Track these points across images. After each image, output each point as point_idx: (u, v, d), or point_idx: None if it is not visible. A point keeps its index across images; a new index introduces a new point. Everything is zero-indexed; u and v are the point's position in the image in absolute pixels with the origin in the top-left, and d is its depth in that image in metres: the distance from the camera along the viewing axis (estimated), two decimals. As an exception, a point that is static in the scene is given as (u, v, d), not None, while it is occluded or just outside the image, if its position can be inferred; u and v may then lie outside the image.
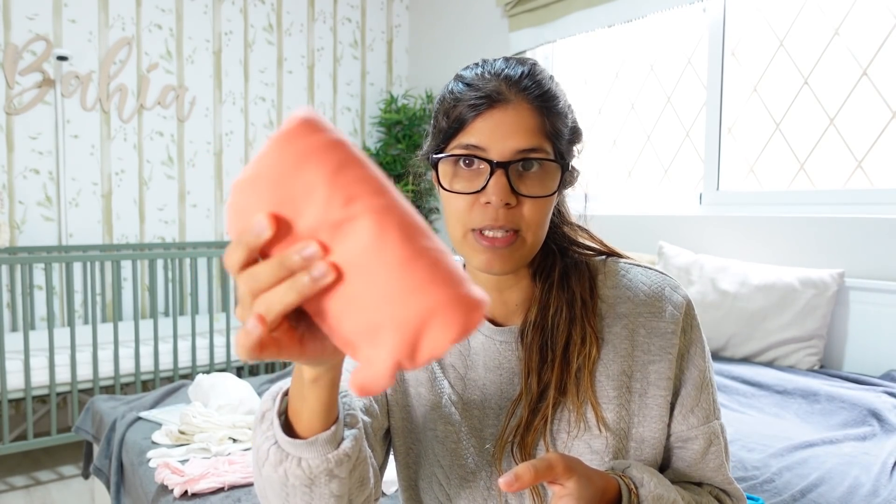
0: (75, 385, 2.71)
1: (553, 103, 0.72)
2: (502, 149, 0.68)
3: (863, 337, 2.19)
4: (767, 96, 2.58)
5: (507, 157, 0.68)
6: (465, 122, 0.70)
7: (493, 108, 0.69)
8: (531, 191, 0.69)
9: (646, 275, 0.77)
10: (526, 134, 0.69)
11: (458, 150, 0.70)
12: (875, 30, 2.27)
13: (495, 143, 0.68)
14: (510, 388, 0.75)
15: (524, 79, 0.71)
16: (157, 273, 2.96)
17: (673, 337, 0.74)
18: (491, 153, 0.69)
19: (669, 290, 0.76)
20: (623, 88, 3.16)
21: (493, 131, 0.69)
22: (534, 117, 0.70)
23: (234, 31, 3.76)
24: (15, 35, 3.14)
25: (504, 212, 0.68)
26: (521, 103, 0.70)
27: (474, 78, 0.72)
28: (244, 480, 1.51)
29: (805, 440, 1.59)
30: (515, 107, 0.69)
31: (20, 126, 3.18)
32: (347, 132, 4.19)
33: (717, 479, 0.77)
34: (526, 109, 0.70)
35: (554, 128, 0.71)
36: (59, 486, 2.71)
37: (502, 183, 0.68)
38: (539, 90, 0.71)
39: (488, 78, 0.71)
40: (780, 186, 2.56)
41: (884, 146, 2.27)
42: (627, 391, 0.73)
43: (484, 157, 0.69)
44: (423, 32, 4.26)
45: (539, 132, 0.70)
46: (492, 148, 0.68)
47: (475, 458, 0.75)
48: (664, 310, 0.74)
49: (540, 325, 0.74)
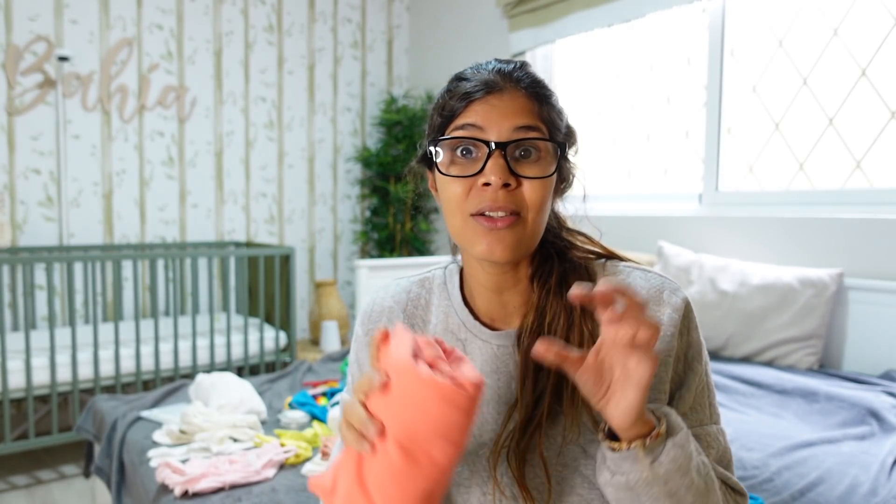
0: (76, 385, 2.72)
1: (546, 93, 0.74)
2: (499, 129, 0.70)
3: (862, 336, 2.19)
4: (767, 96, 2.59)
5: (504, 137, 0.70)
6: (461, 108, 0.72)
7: (489, 94, 0.71)
8: (530, 172, 0.70)
9: (645, 277, 0.77)
10: (522, 114, 0.71)
11: (455, 131, 0.72)
12: (874, 30, 2.28)
13: (492, 123, 0.70)
14: (508, 393, 0.75)
15: (516, 71, 0.74)
16: (157, 273, 2.97)
17: (672, 340, 0.73)
18: (489, 133, 0.70)
19: (668, 292, 0.75)
20: (623, 88, 3.16)
21: (490, 112, 0.70)
22: (528, 102, 0.72)
23: (234, 32, 3.76)
24: (16, 35, 3.15)
25: (503, 193, 0.69)
26: (516, 90, 0.72)
27: (467, 74, 0.75)
28: (244, 480, 1.51)
29: (804, 440, 1.60)
30: (510, 93, 0.72)
31: (21, 126, 3.19)
32: (347, 132, 4.20)
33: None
34: (520, 95, 0.72)
35: (549, 114, 0.73)
36: (60, 486, 2.71)
37: (501, 163, 0.69)
38: (532, 80, 0.74)
39: (482, 72, 0.74)
40: (780, 186, 2.57)
41: (882, 146, 2.27)
42: None
43: (482, 137, 0.70)
44: (424, 33, 4.26)
45: (534, 115, 0.72)
46: (489, 128, 0.70)
47: (471, 462, 0.74)
48: (663, 313, 0.74)
49: (536, 330, 0.74)
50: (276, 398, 2.21)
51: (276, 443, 1.72)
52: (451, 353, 0.64)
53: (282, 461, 1.64)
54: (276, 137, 3.94)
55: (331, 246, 4.19)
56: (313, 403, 2.02)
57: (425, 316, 0.83)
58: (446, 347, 0.65)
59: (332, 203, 4.17)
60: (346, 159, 4.20)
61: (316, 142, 4.09)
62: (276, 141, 3.94)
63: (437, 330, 0.81)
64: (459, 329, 0.79)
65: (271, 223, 3.96)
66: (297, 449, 1.69)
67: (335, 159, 4.16)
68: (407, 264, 3.21)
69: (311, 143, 4.06)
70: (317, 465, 1.60)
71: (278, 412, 2.05)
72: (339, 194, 4.20)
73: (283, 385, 2.37)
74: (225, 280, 3.30)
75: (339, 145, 4.18)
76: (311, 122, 4.06)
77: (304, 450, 1.69)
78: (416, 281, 0.86)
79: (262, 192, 3.91)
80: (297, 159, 4.02)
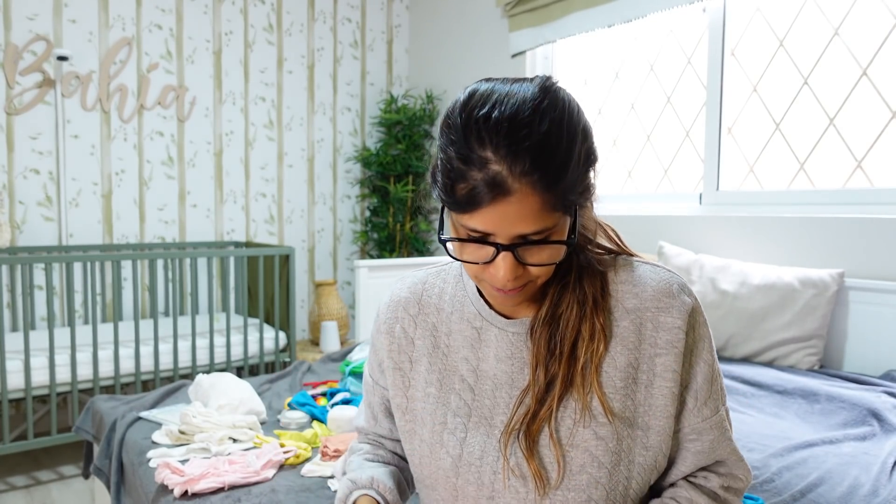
0: (75, 385, 2.71)
1: (562, 174, 0.66)
2: (508, 234, 0.68)
3: (862, 337, 2.19)
4: (767, 96, 2.59)
5: (512, 241, 0.69)
6: (469, 207, 0.67)
7: (496, 201, 0.66)
8: (539, 260, 0.71)
9: (655, 272, 0.80)
10: (532, 220, 0.67)
11: (464, 232, 0.70)
12: (875, 30, 2.27)
13: (501, 230, 0.67)
14: (521, 378, 0.79)
15: (529, 159, 0.64)
16: (157, 273, 2.97)
17: (679, 332, 0.76)
18: (497, 237, 0.69)
19: (677, 287, 0.79)
20: (623, 88, 3.16)
21: (499, 220, 0.67)
22: (540, 199, 0.66)
23: (234, 32, 3.76)
24: (15, 35, 3.15)
25: (513, 281, 0.71)
26: (525, 189, 0.65)
27: (478, 147, 0.66)
28: (244, 480, 1.51)
29: (805, 440, 1.59)
30: (520, 196, 0.65)
31: (20, 126, 3.19)
32: (347, 132, 4.20)
33: (730, 459, 0.82)
34: (530, 194, 0.65)
35: (564, 198, 0.68)
36: (59, 486, 2.71)
37: (509, 262, 0.70)
38: (546, 167, 0.65)
39: (491, 158, 0.65)
40: (780, 186, 2.56)
41: (883, 146, 2.27)
42: (634, 382, 0.76)
43: (489, 240, 0.69)
44: (423, 32, 4.26)
45: (546, 211, 0.67)
46: (498, 233, 0.68)
47: (482, 444, 0.78)
48: (672, 306, 0.77)
49: (549, 321, 0.77)
50: (276, 398, 2.20)
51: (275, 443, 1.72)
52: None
53: (281, 462, 1.64)
54: (275, 137, 3.94)
55: (330, 246, 4.19)
56: (313, 404, 2.02)
57: (439, 304, 0.87)
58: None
59: (331, 203, 4.17)
60: (346, 159, 4.19)
61: (316, 141, 4.08)
62: (275, 141, 3.94)
63: (453, 318, 0.85)
64: (475, 318, 0.83)
65: (271, 223, 3.96)
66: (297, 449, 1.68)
67: (335, 159, 4.16)
68: (407, 264, 3.20)
69: (310, 142, 4.06)
70: (317, 466, 1.60)
71: (278, 412, 2.05)
72: (338, 194, 4.20)
73: (283, 385, 2.36)
74: (224, 280, 3.30)
75: (338, 145, 4.17)
76: (311, 121, 4.06)
77: (304, 450, 1.69)
78: (433, 272, 0.91)
79: (262, 192, 3.91)
80: (297, 159, 4.02)
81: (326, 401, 2.06)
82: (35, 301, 3.20)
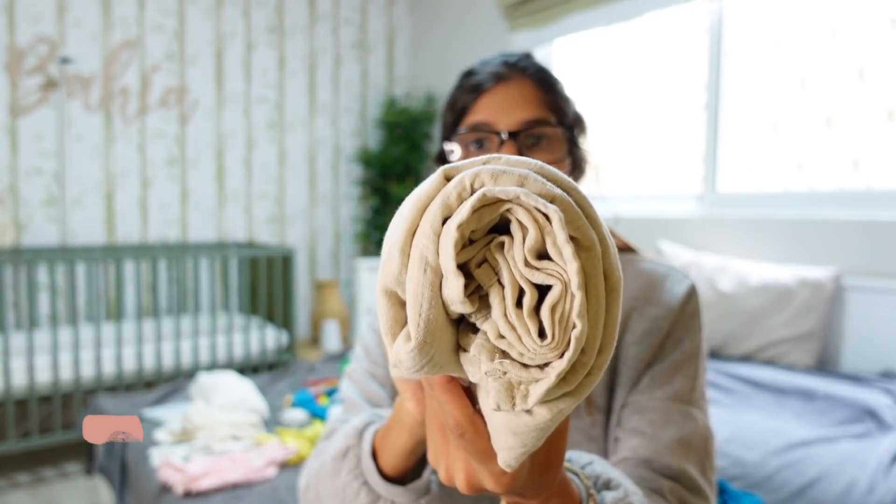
0: (79, 384, 2.73)
1: (552, 80, 0.77)
2: (509, 120, 0.72)
3: (859, 336, 2.20)
4: (766, 97, 2.59)
5: (514, 128, 0.72)
6: (470, 103, 0.74)
7: (497, 85, 0.74)
8: (541, 159, 0.72)
9: (653, 266, 0.79)
10: (531, 105, 0.73)
11: (466, 129, 0.74)
12: (872, 31, 2.28)
13: (502, 116, 0.72)
14: None
15: (522, 60, 0.77)
16: (159, 273, 2.98)
17: (662, 322, 0.74)
18: (499, 125, 0.72)
19: (672, 280, 0.77)
20: (623, 89, 3.17)
21: (499, 106, 0.73)
22: (536, 91, 0.74)
23: (235, 33, 3.78)
24: (19, 37, 3.16)
25: None
26: (523, 79, 0.75)
27: (476, 68, 0.77)
28: (246, 479, 1.53)
29: (802, 438, 1.60)
30: (518, 82, 0.74)
31: (24, 127, 3.21)
32: (348, 133, 4.21)
33: (672, 463, 0.67)
34: (528, 84, 0.74)
35: (556, 102, 0.76)
36: (62, 484, 2.73)
37: (513, 152, 0.70)
38: (537, 68, 0.77)
39: (489, 65, 0.76)
40: (778, 188, 2.57)
41: (880, 148, 2.28)
42: (613, 373, 0.74)
43: (492, 129, 0.72)
44: (424, 34, 4.27)
45: (542, 104, 0.74)
46: (499, 121, 0.72)
47: None
48: (661, 297, 0.76)
49: None
50: (277, 397, 2.22)
51: (277, 442, 1.73)
52: None
53: (283, 460, 1.65)
54: (277, 138, 3.95)
55: (332, 246, 4.20)
56: (314, 402, 2.03)
57: None
58: None
59: (333, 203, 4.18)
60: (348, 160, 4.21)
61: (317, 142, 4.10)
62: (277, 141, 3.95)
63: None
64: None
65: (273, 223, 3.97)
66: (298, 448, 1.70)
67: (336, 160, 4.18)
68: (408, 264, 3.21)
69: (312, 143, 4.08)
70: (317, 464, 1.61)
71: (279, 411, 2.06)
72: (340, 194, 4.21)
73: (284, 384, 2.38)
74: (226, 280, 3.31)
75: (340, 146, 4.19)
76: (313, 122, 4.07)
77: (305, 449, 1.70)
78: None
79: (264, 192, 3.92)
80: (299, 160, 4.04)
81: (327, 399, 2.07)
82: (38, 300, 3.21)
